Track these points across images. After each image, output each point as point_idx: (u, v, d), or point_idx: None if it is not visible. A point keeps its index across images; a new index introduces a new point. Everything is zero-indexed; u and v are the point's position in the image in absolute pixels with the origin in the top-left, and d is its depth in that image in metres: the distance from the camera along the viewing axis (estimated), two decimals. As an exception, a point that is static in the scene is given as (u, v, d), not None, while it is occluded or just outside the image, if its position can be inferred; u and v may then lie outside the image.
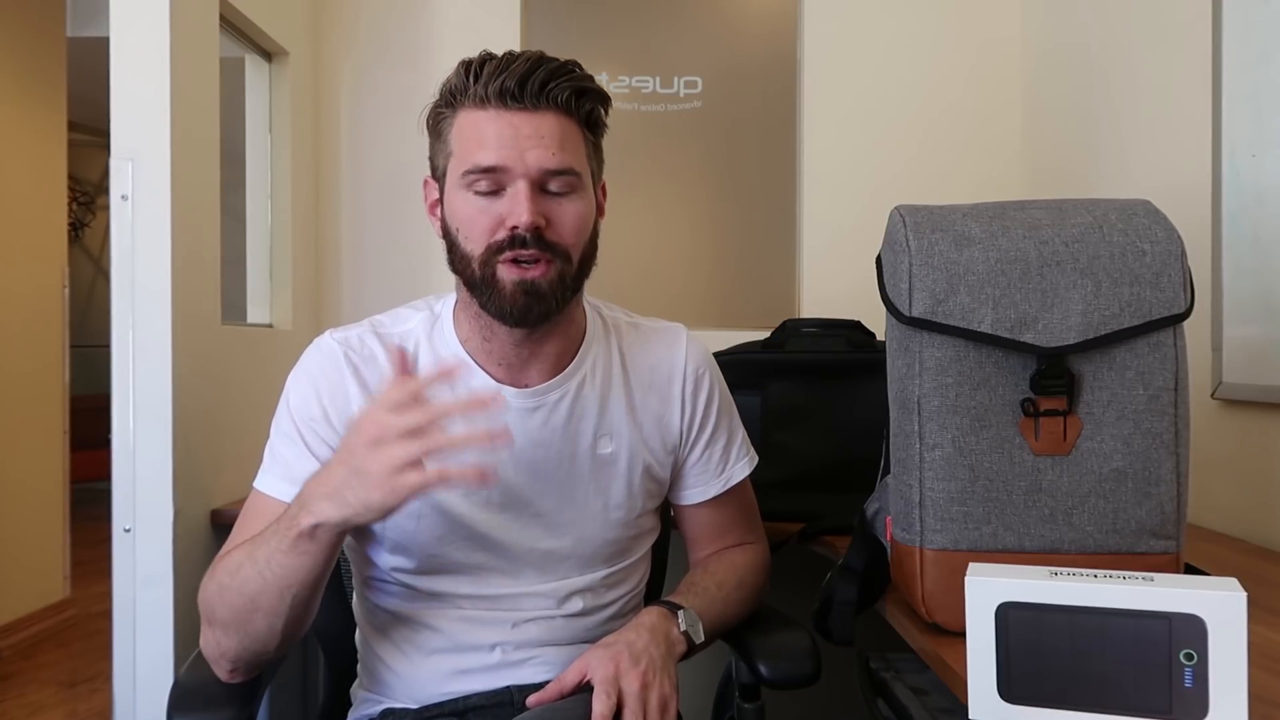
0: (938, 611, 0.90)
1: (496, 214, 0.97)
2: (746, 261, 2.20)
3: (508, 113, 0.96)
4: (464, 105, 0.99)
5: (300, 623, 0.95)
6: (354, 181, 2.17)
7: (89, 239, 6.26)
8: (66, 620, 3.43)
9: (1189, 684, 0.67)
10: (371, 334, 1.07)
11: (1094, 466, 0.87)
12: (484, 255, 0.98)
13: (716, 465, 1.17)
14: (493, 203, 0.97)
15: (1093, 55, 1.85)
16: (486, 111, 0.97)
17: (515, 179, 0.96)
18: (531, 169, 0.96)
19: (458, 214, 0.99)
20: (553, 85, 0.97)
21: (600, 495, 1.09)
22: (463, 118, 0.99)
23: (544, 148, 0.96)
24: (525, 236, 0.96)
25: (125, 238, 1.45)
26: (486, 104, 0.97)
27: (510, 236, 0.96)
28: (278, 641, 0.95)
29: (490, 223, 0.97)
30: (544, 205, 0.97)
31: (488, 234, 0.97)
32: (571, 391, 1.08)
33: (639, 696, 0.94)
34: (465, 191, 0.98)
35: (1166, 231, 0.88)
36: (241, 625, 0.93)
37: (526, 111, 0.96)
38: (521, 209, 0.95)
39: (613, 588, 1.13)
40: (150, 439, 1.45)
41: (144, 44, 1.46)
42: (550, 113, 0.97)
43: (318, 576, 0.92)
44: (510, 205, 0.96)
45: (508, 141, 0.96)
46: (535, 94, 0.96)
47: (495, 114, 0.97)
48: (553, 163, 0.97)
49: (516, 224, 0.96)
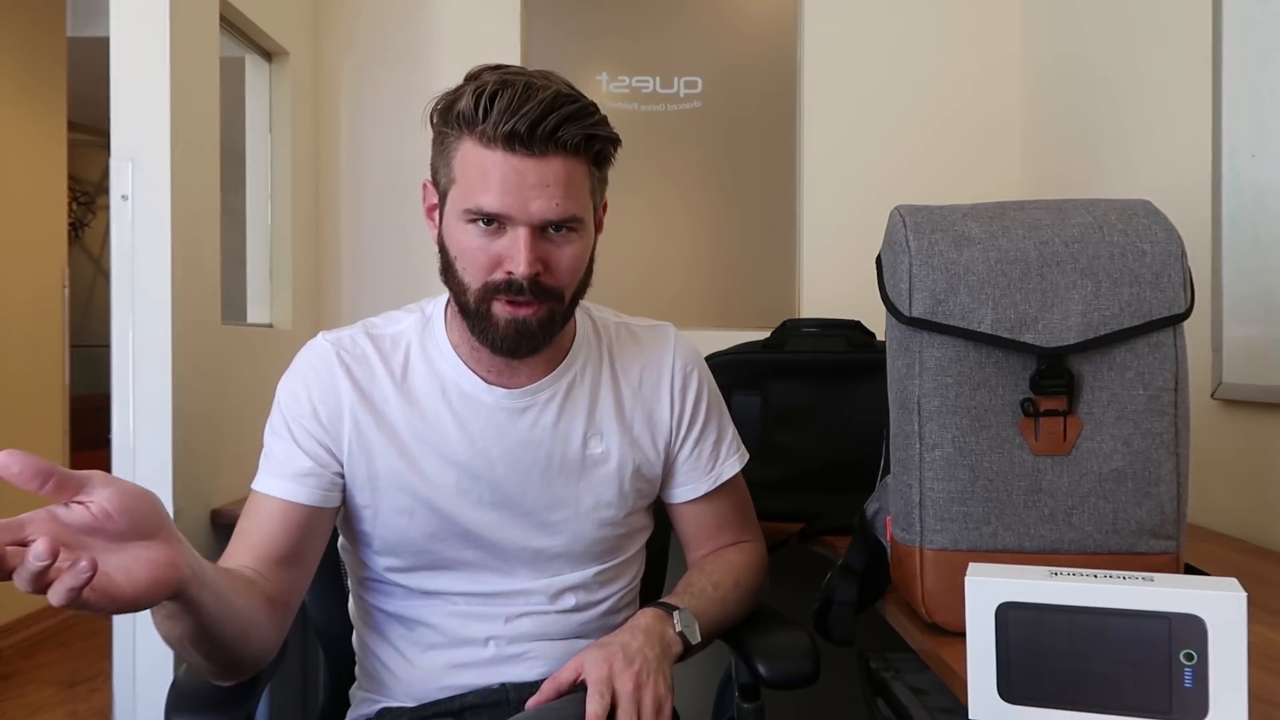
0: (938, 611, 0.90)
1: (495, 253, 0.96)
2: (746, 261, 2.20)
3: (514, 158, 0.94)
4: (470, 135, 0.95)
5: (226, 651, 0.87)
6: (354, 181, 2.17)
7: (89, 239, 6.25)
8: (67, 620, 3.43)
9: (1189, 684, 0.67)
10: (364, 334, 1.08)
11: (1094, 467, 0.87)
12: (480, 291, 0.98)
13: (706, 462, 1.17)
14: (492, 241, 0.96)
15: (1093, 56, 1.85)
16: (493, 153, 0.94)
17: (517, 225, 0.95)
18: (534, 218, 0.95)
19: (457, 243, 0.99)
20: (563, 132, 0.94)
21: (591, 494, 1.10)
22: (468, 149, 0.96)
23: (548, 197, 0.95)
24: (522, 284, 0.96)
25: (125, 238, 1.45)
26: (493, 145, 0.94)
27: (507, 281, 0.96)
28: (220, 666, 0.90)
29: (488, 261, 0.97)
30: (542, 249, 0.97)
31: (485, 272, 0.97)
32: (561, 391, 1.09)
33: (632, 697, 0.94)
34: (465, 224, 0.97)
35: (1166, 232, 0.88)
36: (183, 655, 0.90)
37: (533, 158, 0.94)
38: (520, 259, 0.95)
39: (605, 584, 1.13)
40: (150, 439, 1.45)
41: (144, 44, 1.46)
42: (558, 158, 0.95)
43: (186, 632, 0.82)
44: (509, 250, 0.96)
45: (511, 189, 0.94)
46: (544, 140, 0.93)
47: (502, 157, 0.94)
48: (555, 213, 0.95)
49: (514, 271, 0.95)
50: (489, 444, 1.06)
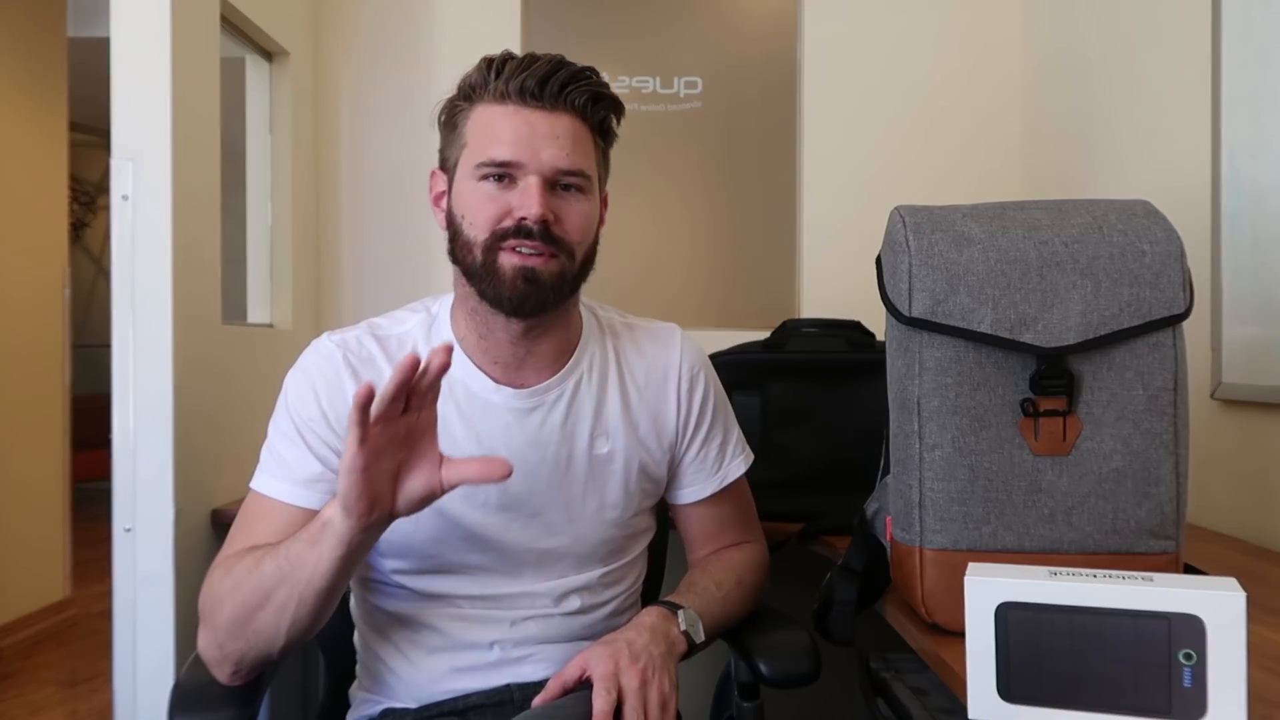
0: (937, 611, 0.90)
1: (505, 203, 0.99)
2: (746, 261, 2.20)
3: (525, 109, 0.99)
4: (482, 100, 1.01)
5: (307, 626, 0.94)
6: (354, 181, 2.17)
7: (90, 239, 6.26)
8: (67, 620, 3.43)
9: (1188, 684, 0.67)
10: (369, 336, 1.08)
11: (1094, 467, 0.87)
12: (488, 241, 0.99)
13: (713, 464, 1.17)
14: (503, 192, 0.99)
15: (1092, 56, 1.85)
16: (505, 107, 0.99)
17: (528, 174, 0.98)
18: (545, 165, 0.98)
19: (465, 201, 1.01)
20: (571, 88, 0.99)
21: (597, 494, 1.10)
22: (480, 112, 1.01)
23: (558, 147, 0.99)
24: (532, 228, 0.97)
25: (126, 238, 1.45)
26: (506, 99, 0.99)
27: (516, 226, 0.98)
28: (282, 643, 0.94)
29: (497, 210, 0.99)
30: (553, 202, 0.99)
31: (494, 221, 0.99)
32: (568, 392, 1.09)
33: (638, 693, 0.94)
34: (476, 181, 1.00)
35: (1166, 232, 0.88)
36: (249, 621, 0.92)
37: (544, 110, 0.99)
38: (532, 201, 0.97)
39: (609, 586, 1.13)
40: (150, 439, 1.45)
41: (145, 44, 1.46)
42: (566, 114, 1.00)
43: (335, 576, 0.90)
44: (521, 198, 0.98)
45: (524, 138, 0.98)
46: (554, 94, 0.99)
47: (514, 110, 0.99)
48: (566, 162, 0.99)
49: (526, 215, 0.97)
50: (496, 445, 1.06)
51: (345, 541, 0.87)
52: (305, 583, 0.90)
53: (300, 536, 0.91)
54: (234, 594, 0.93)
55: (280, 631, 0.93)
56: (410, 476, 0.88)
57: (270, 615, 0.92)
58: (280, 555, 0.91)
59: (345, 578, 0.92)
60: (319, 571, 0.89)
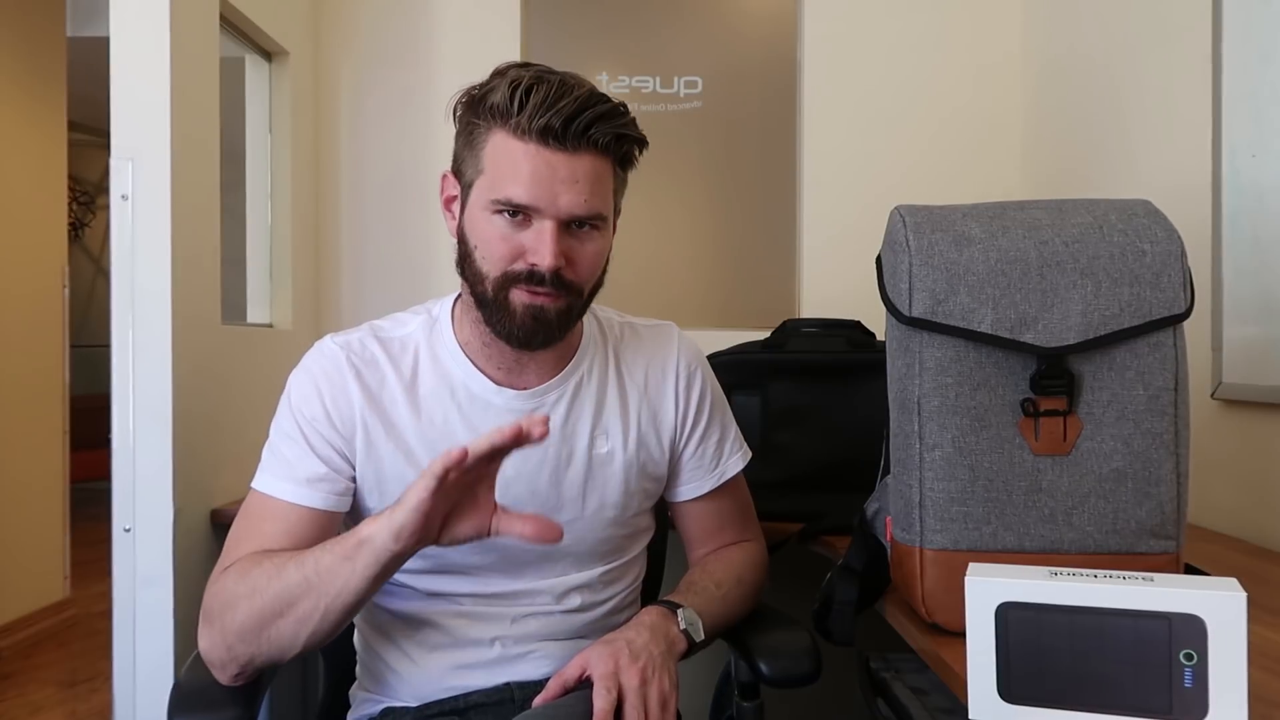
0: (938, 611, 0.90)
1: (518, 244, 0.98)
2: (746, 261, 2.20)
3: (546, 151, 0.95)
4: (504, 128, 0.97)
5: (325, 635, 0.95)
6: (354, 181, 2.17)
7: (89, 239, 6.26)
8: (66, 620, 3.43)
9: (1189, 684, 0.67)
10: (372, 338, 1.08)
11: (1094, 466, 0.87)
12: (499, 280, 0.99)
13: (710, 460, 1.18)
14: (517, 232, 0.98)
15: (1093, 55, 1.85)
16: (526, 145, 0.95)
17: (544, 218, 0.97)
18: (562, 211, 0.97)
19: (479, 232, 1.00)
20: (595, 130, 0.96)
21: (597, 493, 1.10)
22: (499, 140, 0.97)
23: (577, 193, 0.96)
24: (545, 276, 0.97)
25: (125, 238, 1.45)
26: (527, 138, 0.95)
27: (529, 271, 0.97)
28: (298, 650, 0.94)
29: (511, 251, 0.98)
30: (566, 244, 0.98)
31: (506, 261, 0.98)
32: (569, 392, 1.09)
33: (639, 692, 0.94)
34: (491, 214, 0.98)
35: (1166, 231, 0.88)
36: (265, 628, 0.92)
37: (565, 153, 0.96)
38: (546, 251, 0.96)
39: (610, 584, 1.14)
40: (150, 439, 1.45)
41: (144, 44, 1.46)
42: (588, 155, 0.97)
43: (365, 592, 0.92)
44: (535, 243, 0.97)
45: (542, 181, 0.95)
46: (578, 135, 0.95)
47: (535, 150, 0.95)
48: (583, 209, 0.97)
49: (538, 263, 0.96)
50: None
51: (382, 562, 0.89)
52: (334, 596, 0.91)
53: (331, 549, 0.91)
54: (250, 599, 0.93)
55: (299, 640, 0.93)
56: (463, 519, 0.91)
57: (290, 624, 0.92)
58: (308, 566, 0.91)
59: (373, 593, 0.93)
60: (350, 586, 0.90)
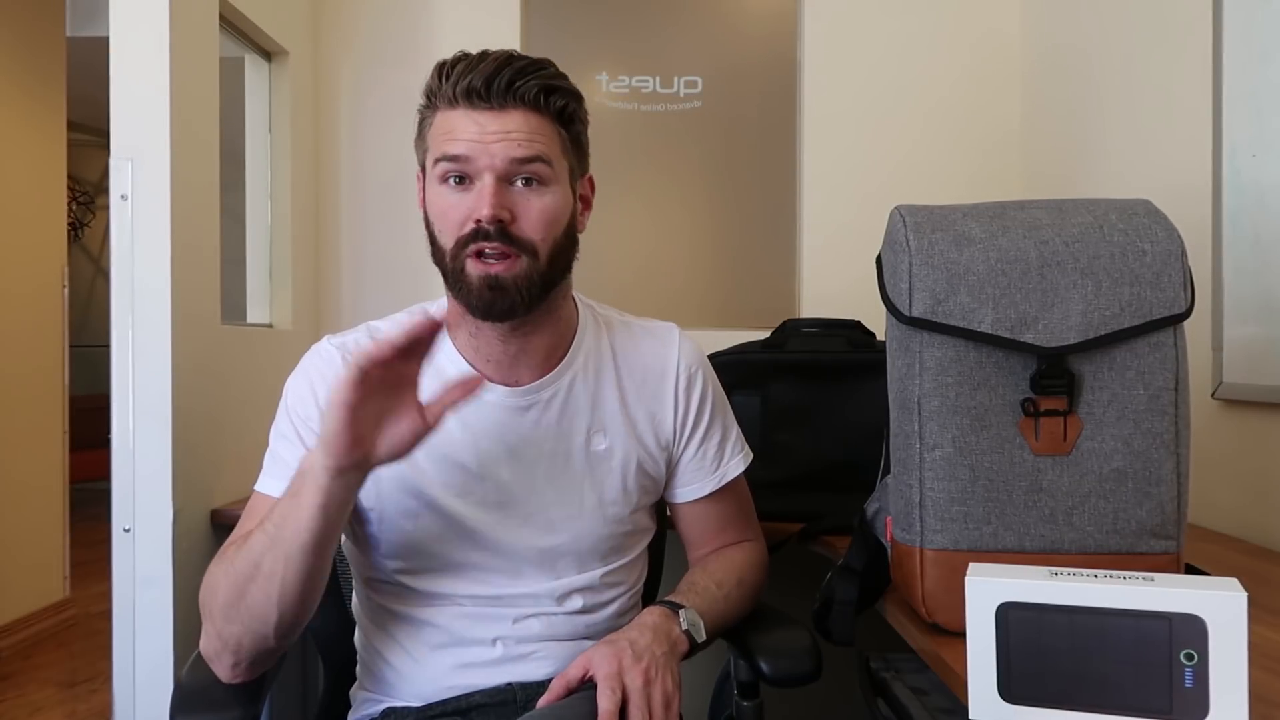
0: (938, 611, 0.90)
1: (465, 208, 0.99)
2: (746, 261, 2.20)
3: (474, 111, 0.99)
4: (438, 105, 1.01)
5: (296, 597, 0.91)
6: (354, 181, 2.17)
7: (89, 239, 6.26)
8: (66, 620, 3.43)
9: (1189, 684, 0.67)
10: (368, 338, 1.09)
11: (1094, 466, 0.86)
12: (454, 249, 1.00)
13: (711, 462, 1.17)
14: (463, 197, 0.99)
15: (1093, 55, 1.85)
16: (456, 110, 0.99)
17: (482, 172, 0.98)
18: (498, 162, 0.98)
19: (434, 207, 1.02)
20: (519, 84, 0.98)
21: (595, 491, 1.10)
22: (438, 117, 1.01)
23: (510, 140, 0.98)
24: (489, 230, 0.97)
25: (125, 237, 1.45)
26: (455, 103, 0.99)
27: (475, 229, 0.98)
28: (274, 617, 0.91)
29: (460, 216, 0.99)
30: (509, 198, 0.99)
31: (457, 226, 0.99)
32: (564, 389, 1.09)
33: (642, 692, 0.94)
34: (439, 185, 1.01)
35: (1167, 231, 0.88)
36: (242, 598, 0.91)
37: (493, 110, 0.98)
38: (484, 201, 0.97)
39: (612, 586, 1.13)
40: (150, 439, 1.45)
41: (144, 44, 1.46)
42: (518, 110, 0.99)
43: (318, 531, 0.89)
44: (476, 199, 0.98)
45: (474, 135, 0.98)
46: (501, 93, 0.98)
47: (464, 113, 0.99)
48: (519, 152, 0.98)
49: (479, 217, 0.97)
50: (492, 443, 1.06)
51: (324, 489, 0.87)
52: (291, 541, 0.89)
53: (283, 497, 0.91)
54: (227, 575, 0.93)
55: (272, 602, 0.91)
56: (393, 423, 0.89)
57: (260, 586, 0.90)
58: (268, 524, 0.91)
59: (327, 537, 0.90)
60: (302, 524, 0.88)
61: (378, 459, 0.89)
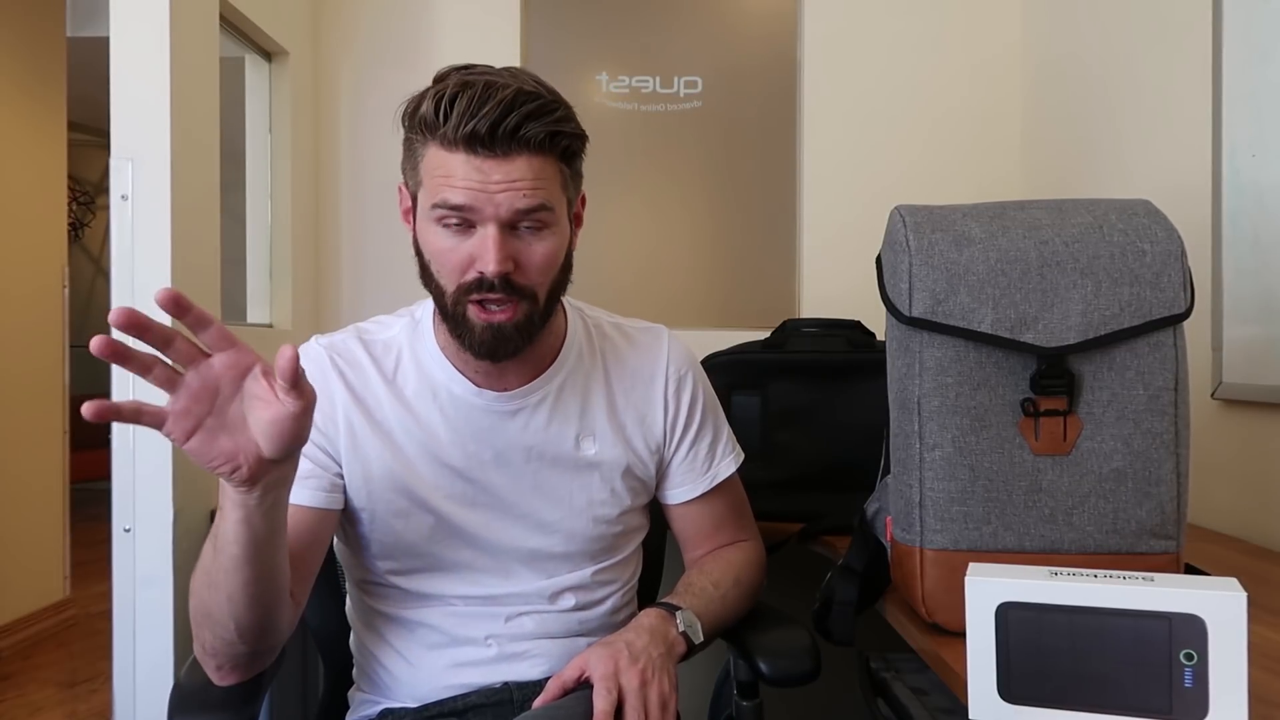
0: (938, 611, 0.90)
1: (466, 253, 0.96)
2: (746, 261, 2.20)
3: (476, 159, 0.93)
4: (433, 140, 0.95)
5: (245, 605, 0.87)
6: (354, 181, 2.17)
7: (89, 239, 6.26)
8: (66, 620, 3.43)
9: (1189, 684, 0.67)
10: (356, 339, 1.09)
11: (1094, 466, 0.86)
12: (455, 294, 0.98)
13: (702, 463, 1.17)
14: (462, 241, 0.96)
15: (1093, 55, 1.85)
16: (455, 155, 0.93)
17: (485, 221, 0.94)
18: (502, 212, 0.94)
19: (429, 246, 0.99)
20: (525, 130, 0.93)
21: (584, 494, 1.10)
22: (432, 153, 0.96)
23: (515, 190, 0.93)
24: (494, 282, 0.95)
25: (125, 238, 1.45)
26: (455, 148, 0.93)
27: (478, 279, 0.96)
28: (232, 625, 0.89)
29: (460, 262, 0.96)
30: (513, 247, 0.96)
31: (458, 273, 0.97)
32: (552, 393, 1.09)
33: (639, 693, 0.94)
34: (435, 225, 0.97)
35: (1166, 231, 0.88)
36: (202, 605, 0.90)
37: (495, 158, 0.93)
38: (489, 256, 0.94)
39: (604, 584, 1.14)
40: (150, 439, 1.45)
41: (144, 44, 1.46)
42: (522, 156, 0.94)
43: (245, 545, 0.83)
44: (479, 249, 0.95)
45: (476, 185, 0.93)
46: (506, 139, 0.92)
47: (464, 159, 0.93)
48: (524, 203, 0.94)
49: (484, 269, 0.95)
50: (481, 447, 1.06)
51: (239, 503, 0.81)
52: (224, 552, 0.85)
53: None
54: (194, 581, 0.91)
55: (224, 610, 0.88)
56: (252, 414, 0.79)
57: (212, 595, 0.88)
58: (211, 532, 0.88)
59: (259, 548, 0.84)
60: (229, 538, 0.83)
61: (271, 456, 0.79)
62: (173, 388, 0.77)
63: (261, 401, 0.78)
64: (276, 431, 0.78)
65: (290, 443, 0.79)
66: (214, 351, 0.78)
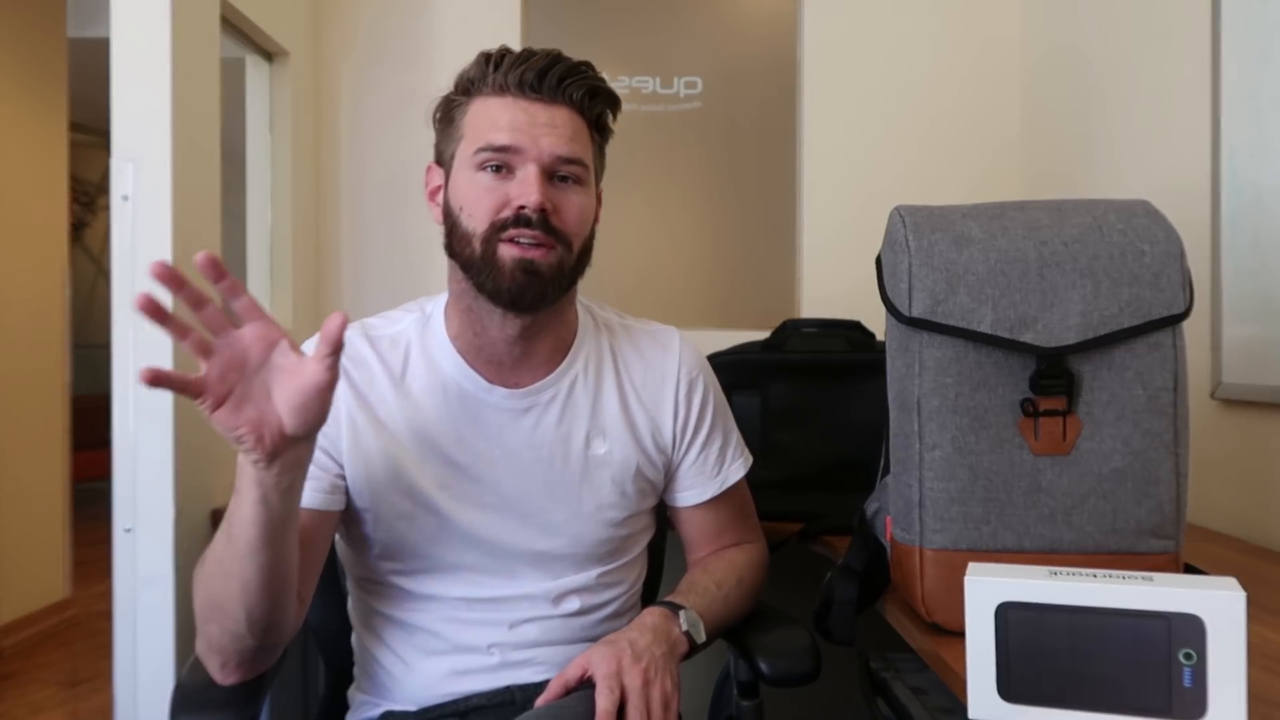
0: (937, 611, 0.90)
1: (504, 193, 0.99)
2: (746, 261, 2.20)
3: (524, 100, 1.00)
4: (481, 93, 1.02)
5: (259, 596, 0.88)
6: (354, 181, 2.17)
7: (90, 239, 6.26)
8: (67, 620, 3.43)
9: (1188, 684, 0.67)
10: (361, 336, 1.08)
11: (1093, 466, 0.87)
12: (487, 232, 0.99)
13: (713, 467, 1.17)
14: (501, 183, 0.99)
15: (1092, 55, 1.85)
16: (504, 99, 1.00)
17: (527, 162, 0.99)
18: (545, 154, 0.99)
19: (463, 193, 1.01)
20: (569, 82, 1.00)
21: (593, 495, 1.10)
22: (478, 104, 1.02)
23: (557, 135, 1.00)
24: (531, 217, 0.97)
25: (126, 238, 1.45)
26: (505, 91, 1.00)
27: (515, 216, 0.98)
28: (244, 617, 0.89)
29: (496, 201, 0.99)
30: (551, 192, 1.00)
31: (493, 211, 0.99)
32: (563, 391, 1.09)
33: (641, 692, 0.94)
34: (475, 171, 1.00)
35: (1166, 232, 0.88)
36: (213, 597, 0.90)
37: (543, 102, 1.00)
38: (531, 190, 0.97)
39: (609, 587, 1.13)
40: (151, 439, 1.45)
41: (145, 45, 1.46)
42: (564, 107, 1.01)
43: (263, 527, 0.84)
44: (520, 187, 0.98)
45: (523, 125, 0.99)
46: (552, 87, 1.00)
47: (512, 101, 1.00)
48: (565, 150, 1.00)
49: (525, 204, 0.97)
50: (490, 445, 1.06)
51: (257, 481, 0.81)
52: (240, 538, 0.85)
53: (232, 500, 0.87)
54: (201, 575, 0.91)
55: (236, 601, 0.88)
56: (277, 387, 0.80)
57: (225, 585, 0.88)
58: (224, 521, 0.88)
59: (276, 530, 0.85)
60: (247, 520, 0.83)
61: (293, 431, 0.80)
62: (206, 354, 0.79)
63: (287, 374, 0.80)
64: (301, 403, 0.80)
65: (312, 418, 0.81)
66: (244, 321, 0.81)
